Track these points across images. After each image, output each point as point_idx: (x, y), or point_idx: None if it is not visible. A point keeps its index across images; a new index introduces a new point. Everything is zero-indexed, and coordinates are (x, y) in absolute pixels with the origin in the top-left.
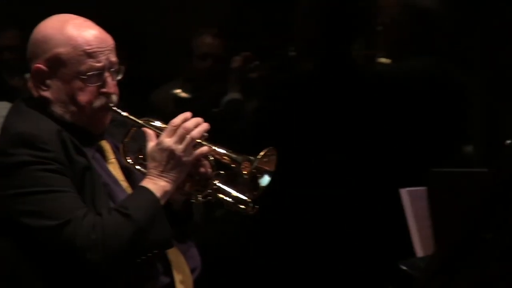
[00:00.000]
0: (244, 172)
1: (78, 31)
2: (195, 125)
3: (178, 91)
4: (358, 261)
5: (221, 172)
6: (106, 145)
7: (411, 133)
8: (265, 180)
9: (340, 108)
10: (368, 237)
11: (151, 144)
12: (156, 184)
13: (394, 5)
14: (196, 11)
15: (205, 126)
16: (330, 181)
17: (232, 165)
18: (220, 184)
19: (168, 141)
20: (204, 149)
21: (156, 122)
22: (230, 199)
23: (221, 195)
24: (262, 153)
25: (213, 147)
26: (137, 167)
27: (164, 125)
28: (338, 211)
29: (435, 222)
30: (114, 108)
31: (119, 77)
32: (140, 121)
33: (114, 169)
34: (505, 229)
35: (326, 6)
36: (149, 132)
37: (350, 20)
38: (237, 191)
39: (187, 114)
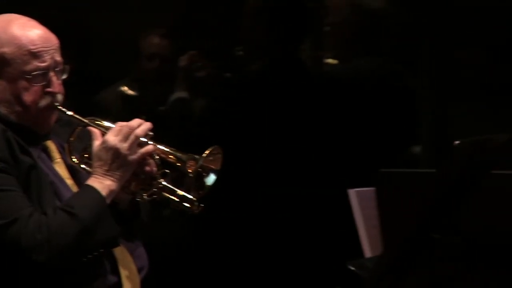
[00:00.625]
0: (189, 170)
1: (23, 31)
2: (139, 124)
3: (124, 88)
4: (306, 261)
5: (166, 171)
6: (51, 145)
7: (359, 134)
8: (210, 179)
9: (287, 108)
10: (316, 237)
11: (97, 143)
12: (102, 183)
13: (342, 5)
14: (144, 10)
15: (148, 124)
16: (278, 181)
17: (178, 164)
18: (165, 183)
19: (113, 139)
20: (149, 147)
21: (102, 121)
22: (175, 198)
23: (166, 194)
24: (207, 152)
25: (158, 146)
26: (82, 166)
27: (110, 124)
28: (286, 211)
29: (384, 223)
30: (60, 107)
31: (64, 77)
32: (85, 120)
33: (60, 168)
34: (453, 229)
35: (273, 6)
36: (95, 131)
37: (297, 20)
38: (183, 190)
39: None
